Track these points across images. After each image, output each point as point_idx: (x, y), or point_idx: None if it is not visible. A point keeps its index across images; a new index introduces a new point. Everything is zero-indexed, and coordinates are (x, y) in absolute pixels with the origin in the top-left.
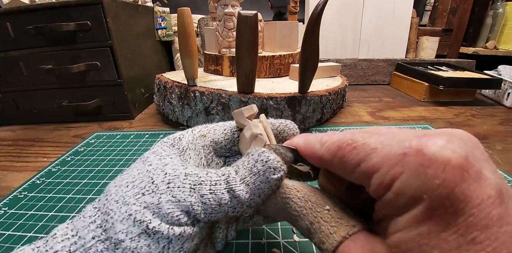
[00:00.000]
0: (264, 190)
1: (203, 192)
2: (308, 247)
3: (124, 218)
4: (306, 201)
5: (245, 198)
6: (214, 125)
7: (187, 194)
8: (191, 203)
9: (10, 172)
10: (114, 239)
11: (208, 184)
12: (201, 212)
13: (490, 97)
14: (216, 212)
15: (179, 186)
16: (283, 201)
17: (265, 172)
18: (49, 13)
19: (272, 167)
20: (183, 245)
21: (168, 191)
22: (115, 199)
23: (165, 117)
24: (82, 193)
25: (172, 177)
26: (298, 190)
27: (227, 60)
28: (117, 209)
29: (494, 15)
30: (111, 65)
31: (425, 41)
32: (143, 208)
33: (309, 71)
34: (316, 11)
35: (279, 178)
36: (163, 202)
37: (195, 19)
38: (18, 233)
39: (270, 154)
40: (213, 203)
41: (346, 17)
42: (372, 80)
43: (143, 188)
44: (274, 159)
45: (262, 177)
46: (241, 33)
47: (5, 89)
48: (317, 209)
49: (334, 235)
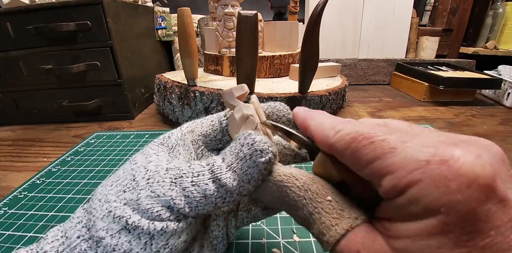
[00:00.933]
0: (253, 176)
1: (184, 185)
2: (308, 247)
3: (105, 215)
4: (305, 190)
5: (233, 186)
6: (202, 119)
7: (167, 188)
8: (172, 197)
9: (10, 172)
10: (96, 237)
11: (189, 176)
12: (184, 206)
13: (490, 97)
14: (202, 205)
15: (158, 181)
16: (280, 190)
17: (251, 156)
18: (49, 13)
19: (259, 150)
20: (167, 242)
21: (147, 187)
22: (98, 198)
23: (165, 117)
24: (82, 193)
25: (153, 173)
26: (296, 178)
27: (227, 60)
28: (99, 207)
29: (494, 15)
30: (111, 65)
31: (425, 41)
32: (123, 205)
33: (309, 71)
34: (316, 11)
35: (268, 161)
36: (142, 198)
37: (195, 19)
38: (18, 233)
39: (256, 135)
40: (196, 195)
41: (346, 17)
42: (372, 80)
43: (124, 185)
44: (260, 141)
45: (249, 161)
46: (241, 33)
47: (5, 89)
48: (318, 200)
49: (336, 227)
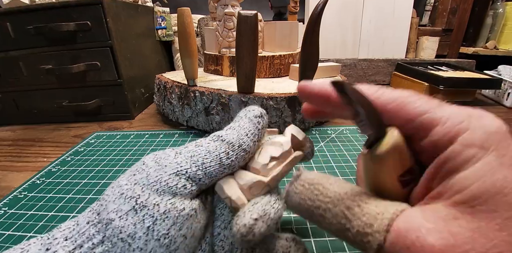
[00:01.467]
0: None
1: (189, 149)
2: (308, 247)
3: (116, 198)
4: (339, 186)
5: (233, 138)
6: None
7: (172, 158)
8: (177, 162)
9: (10, 172)
10: (106, 219)
11: (192, 144)
12: (191, 166)
13: (490, 97)
14: (208, 161)
15: (163, 157)
16: (311, 188)
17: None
18: (49, 13)
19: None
20: (168, 231)
21: (155, 165)
22: (111, 186)
23: (165, 117)
24: (82, 193)
25: (161, 154)
26: (328, 177)
27: (227, 60)
28: (111, 193)
29: (494, 15)
30: (111, 65)
31: (425, 41)
32: (133, 185)
33: (309, 71)
34: (316, 11)
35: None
36: (151, 172)
37: (195, 19)
38: (18, 233)
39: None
40: (201, 153)
41: (346, 17)
42: (372, 80)
43: (135, 170)
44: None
45: (244, 119)
46: (241, 33)
47: (5, 89)
48: (354, 194)
49: (384, 214)
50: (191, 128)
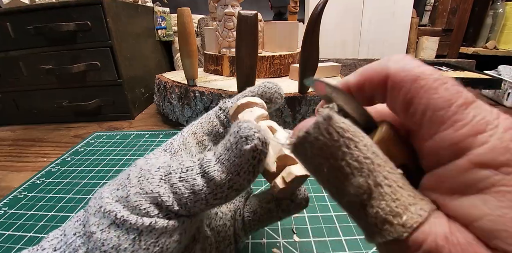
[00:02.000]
0: (242, 167)
1: (172, 181)
2: (308, 247)
3: (96, 211)
4: (374, 153)
5: (221, 179)
6: (199, 119)
7: (155, 185)
8: (159, 194)
9: (10, 172)
10: (88, 232)
11: (178, 172)
12: (173, 203)
13: (490, 97)
14: (192, 202)
15: (148, 178)
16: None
17: (237, 144)
18: (49, 13)
19: (244, 136)
20: (157, 239)
21: (137, 184)
22: (95, 197)
23: (165, 117)
24: (82, 193)
25: (144, 172)
26: (364, 136)
27: (227, 60)
28: (93, 204)
29: (494, 15)
30: (111, 65)
31: (425, 41)
32: (114, 201)
33: (309, 71)
34: (316, 11)
35: (254, 148)
36: (131, 195)
37: (195, 19)
38: (18, 233)
39: (243, 122)
40: (184, 191)
41: (346, 17)
42: None
43: (119, 184)
44: (245, 127)
45: (236, 151)
46: (241, 33)
47: (5, 89)
48: (388, 169)
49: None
50: None
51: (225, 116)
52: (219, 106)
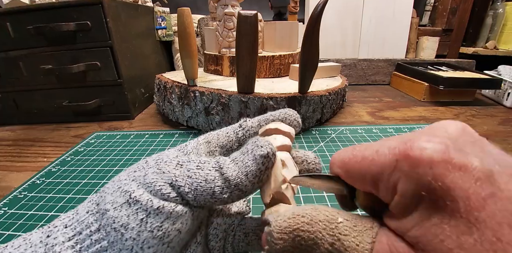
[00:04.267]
0: (251, 169)
1: (190, 167)
2: None
3: (114, 191)
4: (316, 223)
5: (232, 175)
6: (218, 131)
7: (172, 168)
8: (175, 174)
9: (10, 172)
10: (103, 209)
11: (196, 162)
12: (185, 185)
13: (490, 97)
14: (202, 189)
15: (166, 161)
16: (291, 236)
17: (252, 150)
18: (49, 13)
19: (260, 145)
20: (162, 224)
21: (155, 165)
22: (112, 180)
23: (165, 117)
24: (82, 193)
25: (162, 156)
26: (302, 215)
27: (227, 60)
28: (111, 186)
29: (494, 15)
30: (111, 65)
31: (425, 41)
32: (130, 180)
33: (309, 71)
34: (316, 11)
35: (265, 154)
36: (149, 173)
37: (195, 19)
38: (18, 233)
39: (262, 138)
40: (199, 177)
41: (346, 17)
42: (372, 80)
43: (136, 167)
44: (263, 139)
45: (250, 155)
46: (241, 33)
47: (5, 89)
48: (331, 226)
49: (362, 245)
50: (191, 128)
51: (243, 134)
52: (239, 124)
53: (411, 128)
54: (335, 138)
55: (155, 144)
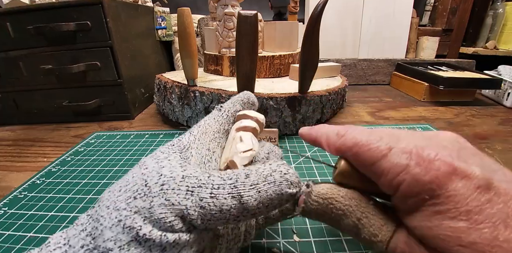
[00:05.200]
0: (274, 202)
1: (202, 195)
2: (308, 247)
3: (114, 225)
4: (350, 198)
5: (252, 205)
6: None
7: (183, 197)
8: (186, 207)
9: (10, 172)
10: (102, 247)
11: (209, 188)
12: (197, 218)
13: (490, 97)
14: (215, 219)
15: (173, 188)
16: (326, 202)
17: (281, 184)
18: (49, 13)
19: (290, 181)
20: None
21: (161, 194)
22: (106, 205)
23: (165, 117)
24: (82, 193)
25: (168, 179)
26: (339, 189)
27: (227, 60)
28: (107, 215)
29: (494, 15)
30: (111, 65)
31: (425, 41)
32: (133, 213)
33: (309, 71)
34: (316, 11)
35: (294, 194)
36: (155, 206)
37: (195, 19)
38: (18, 233)
39: (289, 168)
40: (213, 208)
41: (346, 17)
42: (372, 80)
43: (135, 191)
44: (293, 174)
45: (277, 187)
46: (241, 33)
47: (5, 89)
48: (363, 205)
49: (388, 226)
50: None
51: (227, 115)
52: (217, 109)
53: (411, 128)
54: None
55: (155, 144)
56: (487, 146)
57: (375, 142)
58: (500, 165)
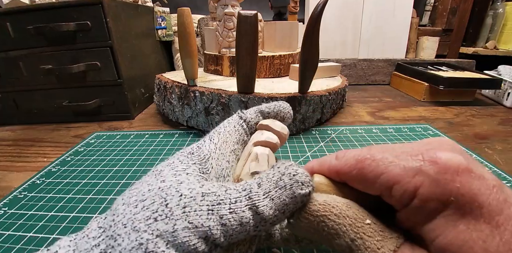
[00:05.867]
0: (289, 206)
1: (222, 213)
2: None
3: (134, 247)
4: (344, 217)
5: (269, 214)
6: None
7: (205, 218)
8: (210, 227)
9: (10, 172)
10: None
11: (227, 203)
12: (220, 236)
13: (490, 97)
14: (237, 233)
15: (195, 209)
16: (317, 220)
17: (292, 186)
18: (49, 13)
19: (301, 182)
20: None
21: (184, 217)
22: (123, 222)
23: (165, 117)
24: (82, 193)
25: (188, 200)
26: (332, 205)
27: (227, 60)
28: (126, 235)
29: (494, 15)
30: (111, 65)
31: (425, 41)
32: (155, 237)
33: (309, 71)
34: (316, 11)
35: (307, 194)
36: (179, 230)
37: (195, 19)
38: (18, 233)
39: (298, 167)
40: (233, 223)
41: (346, 17)
42: (372, 80)
43: (155, 211)
44: (302, 173)
45: (289, 191)
46: (241, 33)
47: (5, 89)
48: (357, 224)
49: (383, 249)
50: (191, 128)
51: (247, 126)
52: (239, 116)
53: (411, 128)
54: (335, 138)
55: (155, 144)
56: (487, 146)
57: (378, 154)
58: None
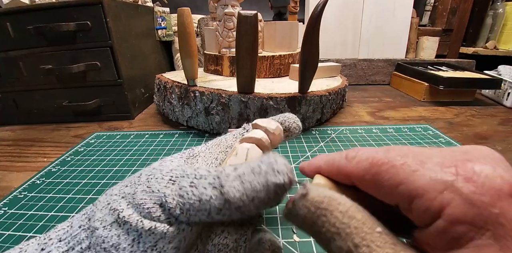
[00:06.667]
0: (260, 194)
1: (182, 184)
2: (308, 247)
3: (104, 207)
4: (350, 217)
5: (234, 197)
6: (224, 136)
7: (163, 185)
8: (165, 194)
9: (10, 172)
10: (92, 227)
11: (191, 177)
12: (176, 207)
13: (490, 97)
14: (195, 210)
15: (157, 177)
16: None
17: (266, 174)
18: (49, 13)
19: (276, 170)
20: (156, 244)
21: (145, 182)
22: (106, 193)
23: (165, 117)
24: (82, 193)
25: (155, 171)
26: (339, 202)
27: (227, 60)
28: (103, 199)
29: (494, 15)
30: (111, 65)
31: (425, 41)
32: (120, 198)
33: (309, 71)
34: (316, 11)
35: (281, 185)
36: (138, 192)
37: (195, 19)
38: (18, 233)
39: (280, 157)
40: (192, 197)
41: (346, 17)
42: (372, 80)
43: (130, 181)
44: (282, 163)
45: (262, 178)
46: (241, 33)
47: (5, 89)
48: (366, 230)
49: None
50: (191, 128)
51: None
52: (243, 127)
53: (411, 128)
54: (335, 138)
55: (155, 144)
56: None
57: (399, 159)
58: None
